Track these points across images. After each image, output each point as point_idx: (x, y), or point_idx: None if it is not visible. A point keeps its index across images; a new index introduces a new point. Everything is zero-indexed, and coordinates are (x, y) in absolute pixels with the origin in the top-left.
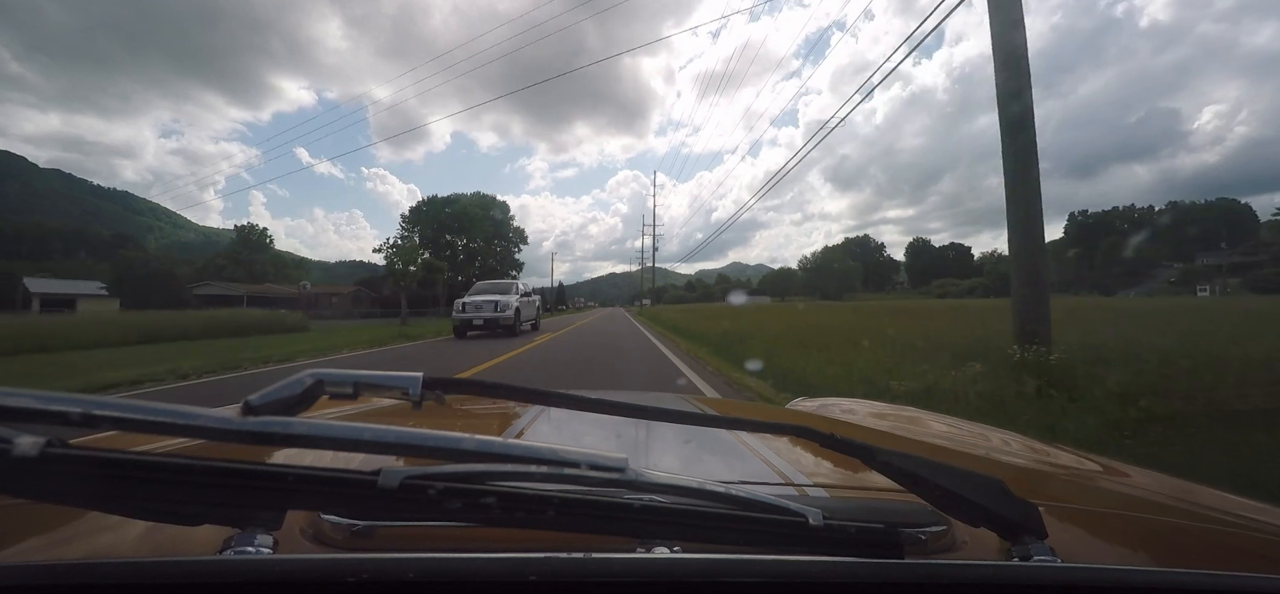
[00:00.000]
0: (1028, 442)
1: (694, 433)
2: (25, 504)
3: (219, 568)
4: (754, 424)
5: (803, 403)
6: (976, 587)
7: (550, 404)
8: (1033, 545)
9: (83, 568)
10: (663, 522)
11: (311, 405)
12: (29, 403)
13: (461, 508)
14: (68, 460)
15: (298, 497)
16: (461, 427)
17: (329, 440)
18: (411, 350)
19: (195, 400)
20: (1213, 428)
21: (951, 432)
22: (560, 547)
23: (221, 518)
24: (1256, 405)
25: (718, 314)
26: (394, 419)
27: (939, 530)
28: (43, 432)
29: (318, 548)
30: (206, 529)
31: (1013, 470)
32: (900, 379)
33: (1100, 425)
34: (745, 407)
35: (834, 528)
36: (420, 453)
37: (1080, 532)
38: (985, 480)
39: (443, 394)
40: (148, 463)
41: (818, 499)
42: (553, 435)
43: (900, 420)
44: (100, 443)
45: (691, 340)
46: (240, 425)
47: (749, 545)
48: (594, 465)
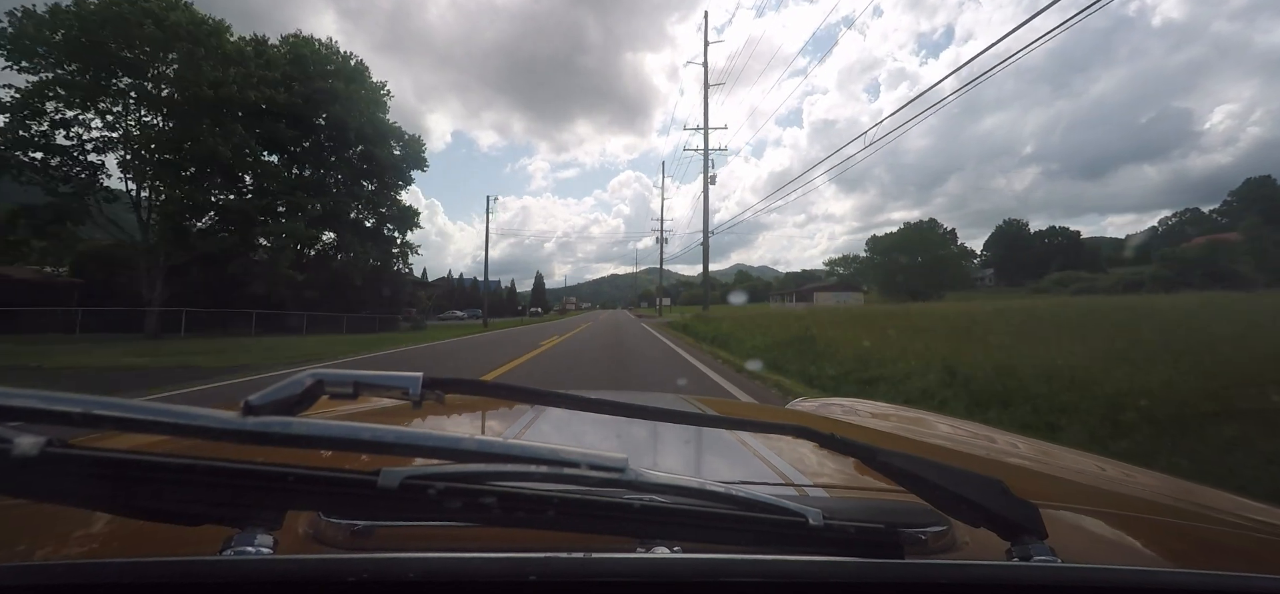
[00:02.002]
0: (1028, 442)
1: (694, 433)
2: (25, 504)
3: (219, 568)
4: (754, 424)
5: (803, 403)
6: (976, 587)
7: (550, 404)
8: (1033, 545)
9: (83, 568)
10: (663, 522)
11: (311, 405)
12: (29, 402)
13: (461, 508)
14: (68, 460)
15: (298, 497)
16: (461, 427)
17: (329, 440)
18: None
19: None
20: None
21: (952, 432)
22: (560, 547)
23: (221, 518)
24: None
25: (811, 325)
26: (394, 419)
27: (939, 530)
28: (43, 431)
29: (318, 548)
30: (206, 529)
31: (1013, 470)
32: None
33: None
34: (745, 407)
35: (834, 528)
36: (420, 453)
37: (1080, 532)
38: (985, 480)
39: (442, 394)
40: (148, 463)
41: (818, 499)
42: (553, 435)
43: (902, 421)
44: (101, 443)
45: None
46: (240, 425)
47: (749, 545)
48: (594, 465)
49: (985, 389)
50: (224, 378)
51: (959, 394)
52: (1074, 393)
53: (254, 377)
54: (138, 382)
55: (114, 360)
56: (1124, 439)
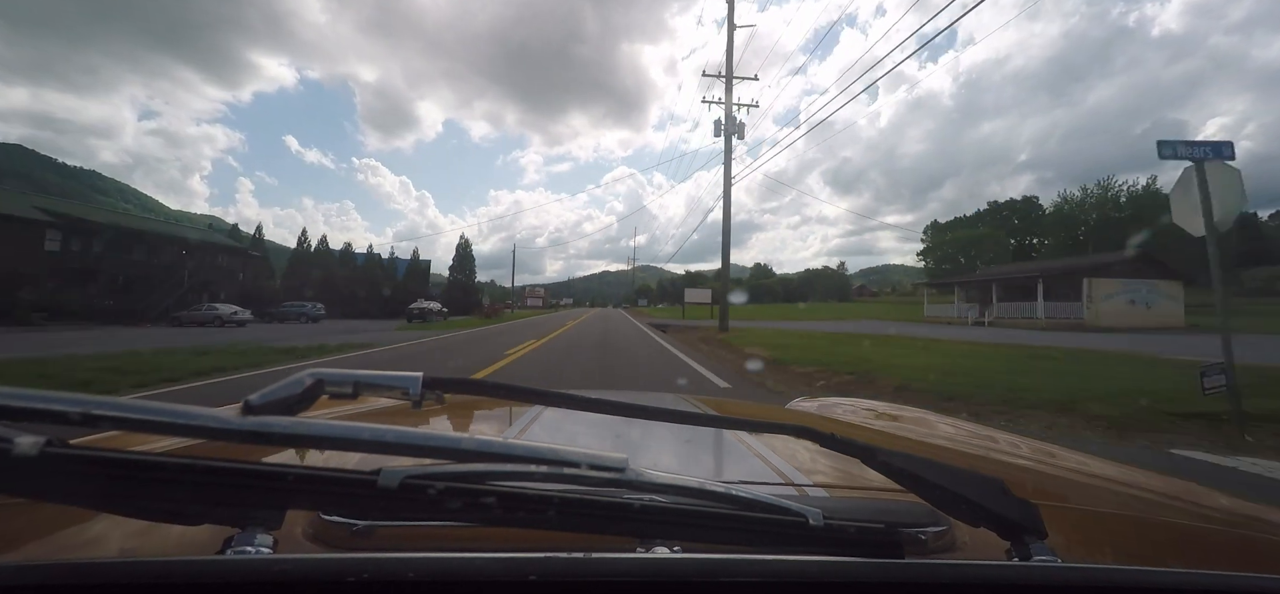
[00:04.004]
0: (1029, 442)
1: (694, 433)
2: (25, 504)
3: (219, 568)
4: (754, 424)
5: (803, 403)
6: (976, 587)
7: (550, 404)
8: (1033, 545)
9: (83, 568)
10: (663, 521)
11: (311, 405)
12: (29, 402)
13: (462, 508)
14: (68, 460)
15: (298, 496)
16: (461, 426)
17: (329, 440)
18: None
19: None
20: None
21: (953, 432)
22: (560, 547)
23: (221, 518)
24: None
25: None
26: (394, 419)
27: (939, 530)
28: (43, 431)
29: (318, 548)
30: (206, 529)
31: (1013, 470)
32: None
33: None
34: (745, 407)
35: (834, 528)
36: (420, 452)
37: (1080, 532)
38: (985, 480)
39: (442, 394)
40: (148, 463)
41: (818, 499)
42: (553, 435)
43: (903, 421)
44: (100, 443)
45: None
46: (240, 425)
47: (749, 545)
48: (594, 465)
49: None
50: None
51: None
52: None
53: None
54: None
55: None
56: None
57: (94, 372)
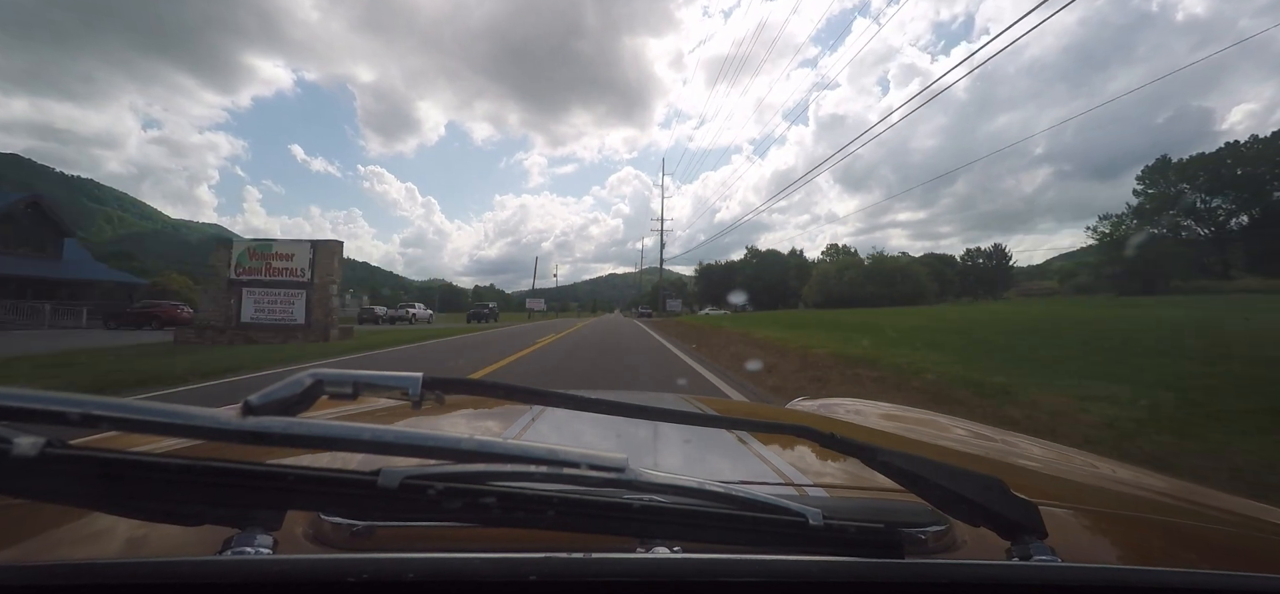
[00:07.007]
0: (1029, 441)
1: (694, 433)
2: (25, 504)
3: (219, 568)
4: (754, 424)
5: (803, 403)
6: (976, 586)
7: (550, 404)
8: (1033, 545)
9: (83, 568)
10: (663, 522)
11: (311, 405)
12: (29, 403)
13: (461, 508)
14: (67, 460)
15: (298, 497)
16: (461, 427)
17: (329, 440)
18: None
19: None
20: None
21: (955, 432)
22: (560, 547)
23: (221, 518)
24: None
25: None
26: (394, 419)
27: (939, 530)
28: (43, 432)
29: (318, 548)
30: (206, 529)
31: (1013, 470)
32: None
33: None
34: (745, 407)
35: (834, 528)
36: (420, 453)
37: (1080, 532)
38: (985, 480)
39: (442, 394)
40: (148, 463)
41: (818, 499)
42: (553, 435)
43: (904, 421)
44: (100, 443)
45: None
46: (240, 425)
47: (749, 545)
48: (594, 465)
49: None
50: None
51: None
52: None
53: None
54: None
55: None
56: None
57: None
